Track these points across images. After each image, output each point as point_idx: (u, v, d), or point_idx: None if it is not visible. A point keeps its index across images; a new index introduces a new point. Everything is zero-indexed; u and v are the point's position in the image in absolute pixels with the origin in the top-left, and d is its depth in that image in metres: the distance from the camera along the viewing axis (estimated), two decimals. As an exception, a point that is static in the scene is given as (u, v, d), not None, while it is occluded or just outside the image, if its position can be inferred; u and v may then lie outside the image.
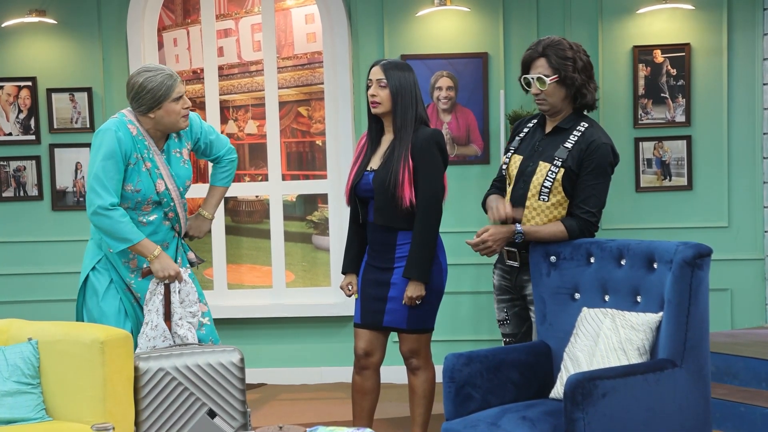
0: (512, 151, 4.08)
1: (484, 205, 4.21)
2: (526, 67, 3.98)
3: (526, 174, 3.97)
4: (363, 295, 4.35)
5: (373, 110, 4.26)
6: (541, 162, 3.93)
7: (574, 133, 3.91)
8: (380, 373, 4.43)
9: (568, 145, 3.89)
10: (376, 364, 4.39)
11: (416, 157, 4.19)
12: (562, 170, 3.87)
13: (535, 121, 4.11)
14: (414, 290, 4.20)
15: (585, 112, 4.03)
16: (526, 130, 4.11)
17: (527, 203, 3.95)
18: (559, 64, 3.88)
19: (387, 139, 4.30)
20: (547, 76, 3.90)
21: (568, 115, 3.97)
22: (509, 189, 4.06)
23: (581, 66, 3.90)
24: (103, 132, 4.09)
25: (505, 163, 4.10)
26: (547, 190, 3.89)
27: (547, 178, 3.89)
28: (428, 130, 4.26)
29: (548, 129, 4.01)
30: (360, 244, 4.43)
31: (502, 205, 3.96)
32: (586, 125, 3.92)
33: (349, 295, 4.46)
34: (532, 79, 3.93)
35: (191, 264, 4.38)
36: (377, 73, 4.24)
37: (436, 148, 4.22)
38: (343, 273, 4.48)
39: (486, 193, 4.25)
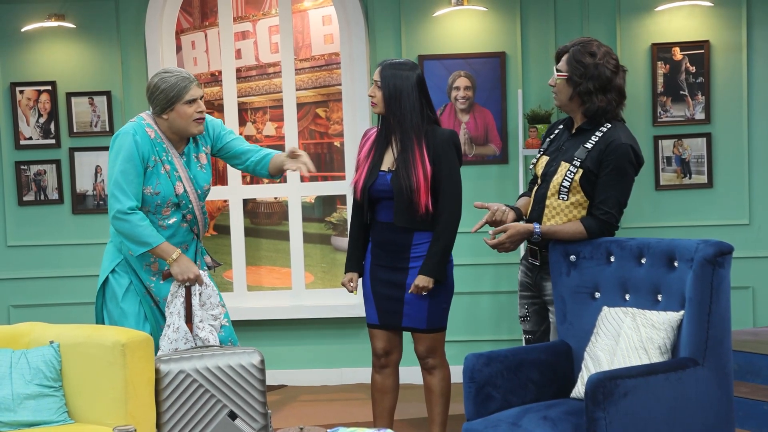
0: (541, 152, 4.11)
1: None
2: (557, 58, 4.02)
3: (549, 174, 3.99)
4: (376, 295, 4.34)
5: (374, 110, 4.29)
6: (562, 162, 3.94)
7: (596, 133, 3.91)
8: (399, 372, 4.45)
9: (588, 146, 3.89)
10: (396, 362, 4.42)
11: (436, 161, 4.20)
12: (581, 171, 3.87)
13: (564, 124, 4.12)
14: (425, 282, 4.21)
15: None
16: (556, 131, 4.12)
17: (547, 202, 3.96)
18: (572, 65, 3.90)
19: (396, 139, 4.28)
20: (559, 72, 3.92)
21: (585, 116, 3.96)
22: (535, 188, 4.08)
23: (595, 74, 3.86)
24: (121, 136, 4.12)
25: (533, 164, 4.13)
26: (566, 190, 3.89)
27: (566, 177, 3.89)
28: (444, 131, 4.27)
29: (573, 130, 4.01)
30: (365, 244, 4.44)
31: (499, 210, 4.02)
32: (609, 126, 3.91)
33: (351, 291, 4.47)
34: (554, 71, 3.98)
35: (208, 267, 4.39)
36: (376, 73, 4.27)
37: (454, 150, 4.25)
38: (347, 271, 4.48)
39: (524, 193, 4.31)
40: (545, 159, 4.06)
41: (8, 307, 6.36)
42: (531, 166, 4.16)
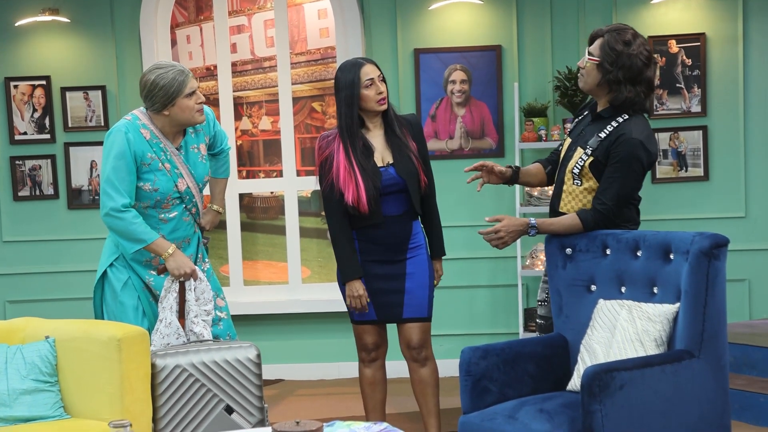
0: (567, 134, 4.13)
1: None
2: (591, 40, 3.96)
3: (566, 158, 3.99)
4: (372, 291, 4.32)
5: (383, 107, 4.24)
6: (578, 147, 3.93)
7: (612, 123, 3.87)
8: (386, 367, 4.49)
9: (602, 135, 3.86)
10: (384, 355, 4.46)
11: (417, 140, 4.34)
12: (591, 158, 3.86)
13: (591, 107, 4.08)
14: (441, 266, 4.42)
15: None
16: (584, 113, 4.10)
17: (564, 187, 3.96)
18: (605, 51, 3.85)
19: (375, 134, 4.29)
20: (591, 55, 3.89)
21: (609, 103, 3.93)
22: (557, 170, 4.09)
23: (627, 65, 3.80)
24: (113, 134, 4.11)
25: (561, 146, 4.14)
26: (578, 175, 3.88)
27: (577, 164, 3.89)
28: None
29: (595, 115, 3.99)
30: (354, 248, 4.36)
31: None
32: (626, 117, 3.86)
33: (364, 307, 4.30)
34: (586, 52, 3.93)
35: (202, 230, 4.41)
36: (375, 70, 4.24)
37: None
38: (352, 278, 4.28)
39: (540, 160, 4.33)
40: (568, 142, 4.06)
41: (4, 302, 6.36)
42: (559, 149, 4.15)
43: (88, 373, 3.85)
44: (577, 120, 4.13)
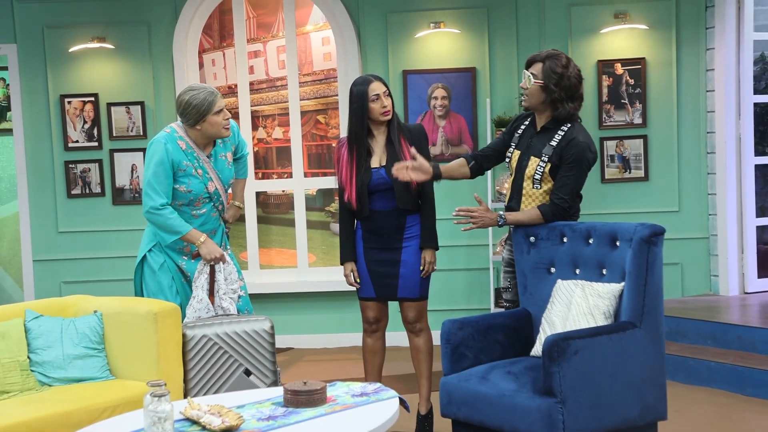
0: (513, 147, 4.01)
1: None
2: (529, 64, 3.91)
3: (521, 167, 3.93)
4: (372, 273, 4.28)
5: (387, 118, 4.15)
6: (532, 157, 3.89)
7: (559, 132, 3.84)
8: (386, 336, 4.44)
9: (553, 143, 3.83)
10: (384, 327, 4.40)
11: (416, 145, 4.17)
12: (549, 164, 3.84)
13: (529, 120, 4.03)
14: (432, 256, 4.24)
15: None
16: (522, 127, 4.03)
17: (524, 191, 3.91)
18: (547, 74, 3.80)
19: (378, 140, 4.22)
20: (534, 77, 3.85)
21: (551, 117, 3.91)
22: (510, 179, 4.02)
23: (566, 85, 3.78)
24: (154, 144, 4.09)
25: (508, 157, 4.04)
26: (539, 180, 3.86)
27: (537, 171, 3.85)
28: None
29: (538, 128, 3.95)
30: (354, 237, 4.32)
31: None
32: (569, 125, 3.85)
33: (352, 283, 4.28)
34: (526, 75, 3.87)
35: (225, 223, 4.38)
36: (381, 86, 4.15)
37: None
38: (346, 261, 4.29)
39: (464, 155, 4.20)
40: (518, 153, 3.98)
41: (60, 283, 6.34)
42: (507, 159, 4.06)
43: (130, 341, 3.84)
44: (517, 133, 4.03)
